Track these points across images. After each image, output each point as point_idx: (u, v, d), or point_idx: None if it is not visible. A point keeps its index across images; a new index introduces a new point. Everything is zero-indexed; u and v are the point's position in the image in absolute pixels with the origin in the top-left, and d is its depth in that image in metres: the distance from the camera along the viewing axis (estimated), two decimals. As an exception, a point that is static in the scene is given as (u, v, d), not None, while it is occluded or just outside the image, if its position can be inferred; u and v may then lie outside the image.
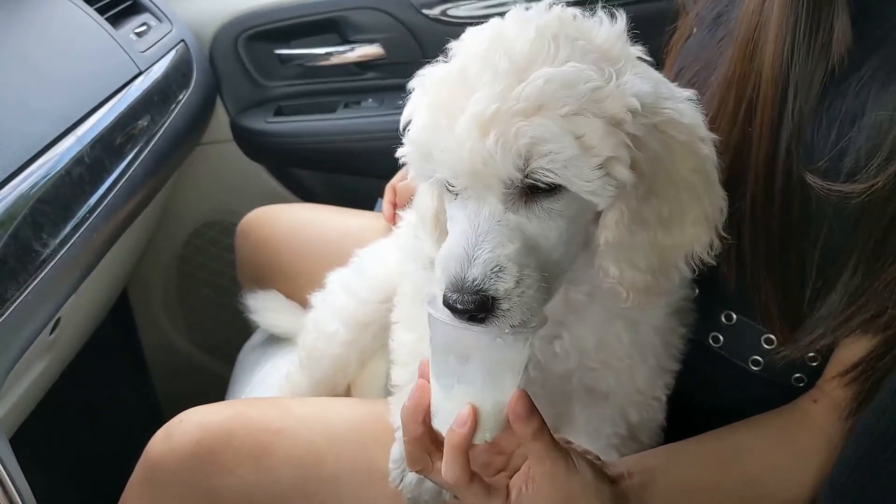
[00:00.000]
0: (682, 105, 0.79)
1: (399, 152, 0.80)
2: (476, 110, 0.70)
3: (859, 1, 0.85)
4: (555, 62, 0.72)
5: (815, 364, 0.94)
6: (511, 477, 0.80)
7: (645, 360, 0.93)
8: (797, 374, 0.96)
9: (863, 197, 0.80)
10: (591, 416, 0.99)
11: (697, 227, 0.78)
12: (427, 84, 0.77)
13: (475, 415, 0.74)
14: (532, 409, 0.74)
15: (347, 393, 1.37)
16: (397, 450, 1.01)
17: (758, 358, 0.96)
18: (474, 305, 0.70)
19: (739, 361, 0.98)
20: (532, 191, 0.73)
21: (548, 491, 0.77)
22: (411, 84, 0.80)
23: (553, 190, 0.73)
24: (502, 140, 0.69)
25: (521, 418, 0.74)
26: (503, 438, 0.80)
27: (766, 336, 0.95)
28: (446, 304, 0.72)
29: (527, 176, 0.71)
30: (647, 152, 0.74)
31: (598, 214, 0.78)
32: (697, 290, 0.98)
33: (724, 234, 0.80)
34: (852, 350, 0.87)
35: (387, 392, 1.33)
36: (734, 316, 0.97)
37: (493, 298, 0.70)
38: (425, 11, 1.89)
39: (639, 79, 0.75)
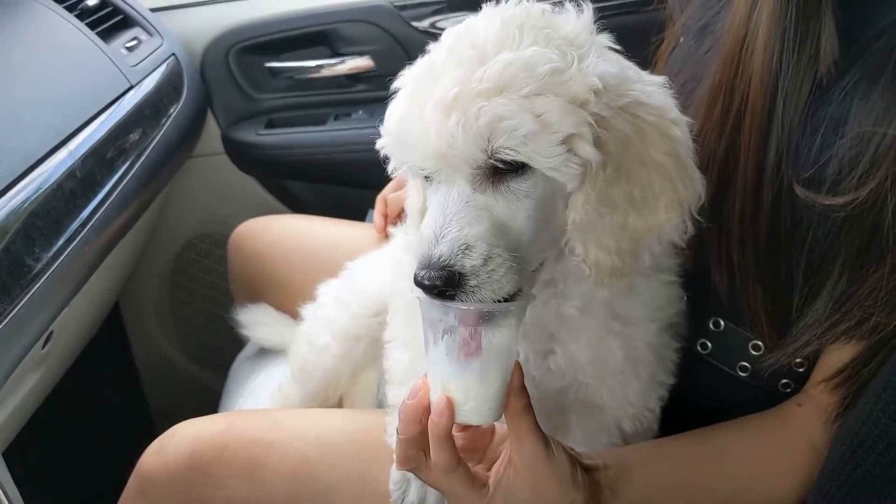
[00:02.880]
0: (651, 88, 0.80)
1: (378, 144, 0.82)
2: (440, 94, 0.73)
3: (845, 9, 0.86)
4: (518, 49, 0.74)
5: (801, 370, 0.95)
6: (489, 468, 0.82)
7: (637, 375, 0.94)
8: (784, 380, 0.97)
9: (846, 211, 0.81)
10: (586, 426, 0.99)
11: (670, 211, 0.78)
12: (404, 79, 0.80)
13: (451, 403, 0.75)
14: (524, 385, 0.77)
15: (339, 404, 1.38)
16: (397, 472, 1.02)
17: (745, 364, 0.97)
18: (441, 281, 0.72)
19: (727, 367, 0.99)
20: (499, 172, 0.75)
21: (525, 473, 0.79)
22: (396, 83, 0.82)
23: (519, 171, 0.75)
24: (463, 120, 0.72)
25: (516, 391, 0.76)
26: (476, 436, 0.83)
27: (753, 342, 0.96)
28: (416, 282, 0.73)
29: (491, 156, 0.73)
30: (615, 133, 0.75)
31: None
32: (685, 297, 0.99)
33: (698, 217, 0.81)
34: (837, 356, 0.88)
35: (378, 403, 1.34)
36: (722, 323, 0.98)
37: (461, 274, 0.72)
38: (415, 24, 1.91)
39: (603, 61, 0.77)
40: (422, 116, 0.74)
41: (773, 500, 0.91)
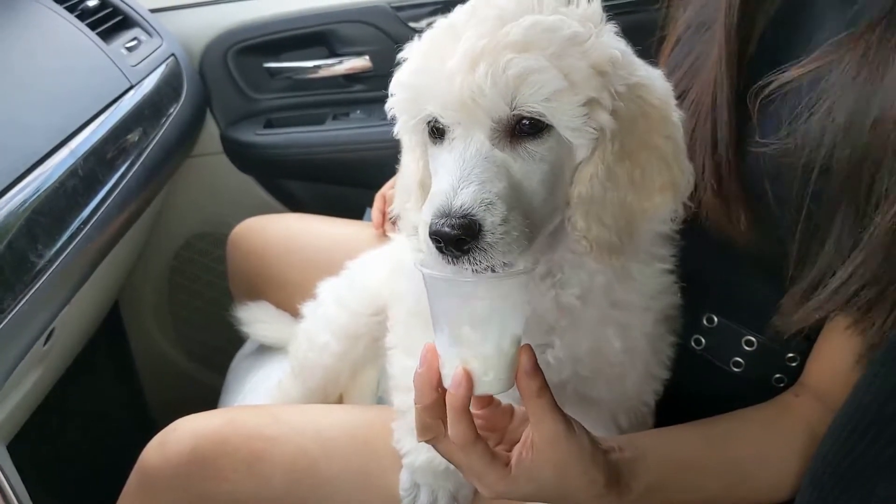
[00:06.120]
0: (653, 73, 0.83)
1: (388, 104, 0.83)
2: (466, 47, 0.74)
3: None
4: (541, 14, 0.76)
5: (794, 364, 0.96)
6: (509, 449, 0.81)
7: (634, 367, 0.95)
8: (777, 375, 0.98)
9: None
10: (582, 421, 1.00)
11: (665, 194, 0.81)
12: (419, 42, 0.82)
13: (469, 375, 0.74)
14: (537, 365, 0.76)
15: (339, 402, 1.39)
16: (407, 477, 1.02)
17: (739, 360, 0.98)
18: (461, 230, 0.71)
19: (721, 363, 1.00)
20: (517, 133, 0.76)
21: (548, 454, 0.78)
22: (405, 50, 0.83)
23: (537, 134, 0.76)
24: (492, 71, 0.73)
25: (527, 373, 0.75)
26: (495, 415, 0.82)
27: (746, 338, 0.97)
28: (432, 233, 0.72)
29: (514, 109, 0.74)
30: (625, 111, 0.77)
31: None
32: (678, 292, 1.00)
33: (689, 203, 0.83)
34: (828, 347, 0.90)
35: (377, 401, 1.35)
36: (715, 319, 0.99)
37: (480, 226, 0.72)
38: (412, 24, 1.92)
39: (615, 39, 0.80)
40: (443, 68, 0.75)
41: (776, 481, 0.91)
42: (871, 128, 0.80)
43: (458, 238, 0.71)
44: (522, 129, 0.76)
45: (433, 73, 0.77)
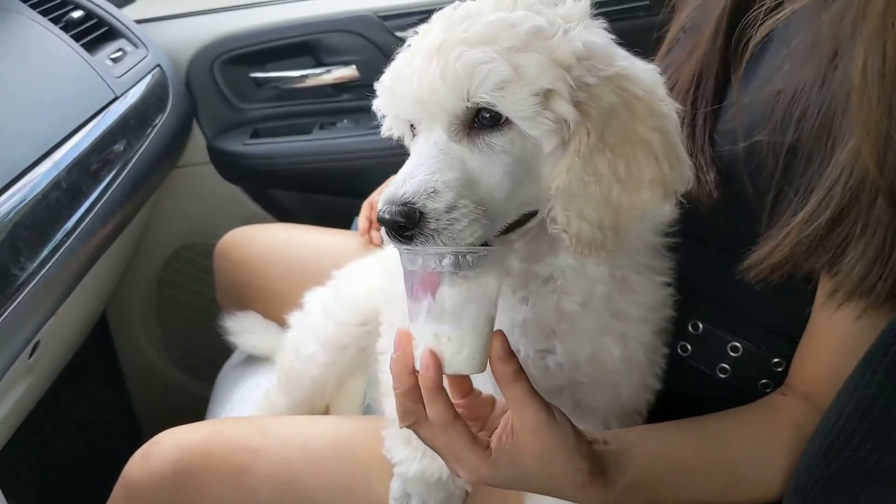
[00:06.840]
0: (640, 65, 0.82)
1: (374, 105, 0.84)
2: (426, 45, 0.76)
3: None
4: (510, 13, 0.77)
5: (779, 370, 0.96)
6: (490, 435, 0.81)
7: (630, 377, 0.94)
8: (763, 381, 0.98)
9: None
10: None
11: (655, 190, 0.78)
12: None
13: (434, 354, 0.75)
14: (510, 350, 0.76)
15: (325, 412, 1.38)
16: (398, 486, 1.02)
17: (725, 366, 0.98)
18: (402, 217, 0.72)
19: (707, 369, 1.00)
20: (476, 126, 0.77)
21: (528, 440, 0.78)
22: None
23: (496, 125, 0.76)
24: (443, 65, 0.74)
25: (501, 357, 0.75)
26: (475, 405, 0.82)
27: (731, 344, 0.97)
28: (379, 218, 0.74)
29: (468, 101, 0.75)
30: (599, 102, 0.76)
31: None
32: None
33: (682, 200, 0.82)
34: (815, 347, 0.91)
35: (364, 411, 1.35)
36: (701, 325, 0.99)
37: (421, 213, 0.73)
38: (398, 34, 1.93)
39: (590, 32, 0.79)
40: (409, 68, 0.77)
41: (771, 481, 0.91)
42: (834, 80, 0.80)
43: (399, 224, 0.73)
44: (482, 122, 0.76)
45: (402, 73, 0.79)
